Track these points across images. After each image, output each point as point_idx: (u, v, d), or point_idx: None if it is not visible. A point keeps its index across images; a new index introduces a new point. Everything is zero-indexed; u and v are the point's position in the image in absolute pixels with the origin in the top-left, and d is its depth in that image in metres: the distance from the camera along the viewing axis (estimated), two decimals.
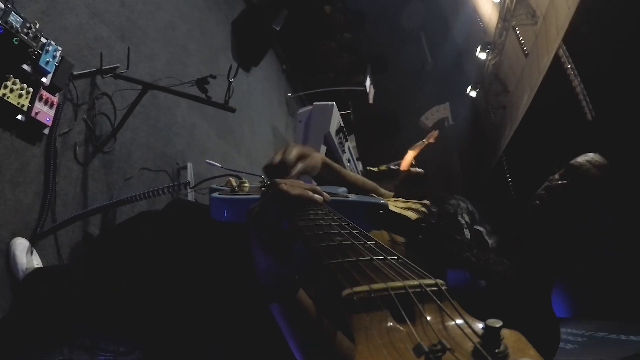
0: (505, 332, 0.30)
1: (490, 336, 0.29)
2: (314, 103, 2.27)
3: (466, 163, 9.07)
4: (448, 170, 9.50)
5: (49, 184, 1.95)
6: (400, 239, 0.99)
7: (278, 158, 0.96)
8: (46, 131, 1.98)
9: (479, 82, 7.45)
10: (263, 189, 0.83)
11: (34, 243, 1.85)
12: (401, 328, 0.33)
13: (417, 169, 5.23)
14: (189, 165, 3.16)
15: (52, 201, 1.96)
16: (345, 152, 2.59)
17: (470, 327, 0.32)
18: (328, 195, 0.73)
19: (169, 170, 3.03)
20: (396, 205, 1.15)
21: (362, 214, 0.83)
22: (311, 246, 0.50)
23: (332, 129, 2.26)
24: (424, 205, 1.16)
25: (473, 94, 7.59)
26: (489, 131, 7.62)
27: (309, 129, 2.23)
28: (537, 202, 1.13)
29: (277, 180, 0.71)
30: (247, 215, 0.68)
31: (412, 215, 1.08)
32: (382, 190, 1.33)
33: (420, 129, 8.13)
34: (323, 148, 2.21)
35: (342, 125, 2.44)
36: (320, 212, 0.65)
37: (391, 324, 0.33)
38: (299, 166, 0.99)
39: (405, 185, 5.03)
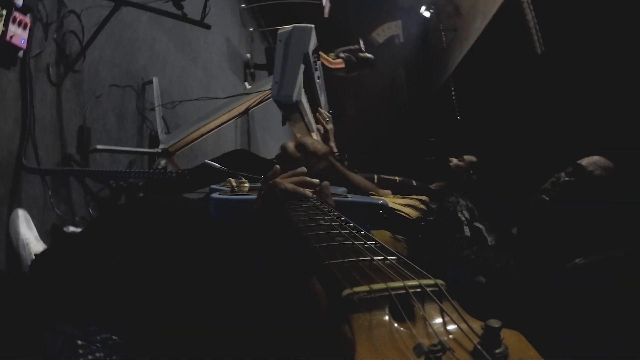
0: (505, 332, 0.30)
1: (490, 336, 0.30)
2: (294, 25, 2.30)
3: (412, 80, 9.20)
4: (393, 84, 9.64)
5: (27, 108, 1.94)
6: (401, 236, 1.01)
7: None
8: (20, 54, 1.93)
9: (433, 3, 7.43)
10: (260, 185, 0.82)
11: (19, 176, 1.90)
12: (401, 328, 0.33)
13: (367, 54, 5.32)
14: (155, 80, 3.13)
15: (31, 126, 1.96)
16: (317, 70, 2.66)
17: (470, 327, 0.33)
18: (317, 181, 0.75)
19: (134, 85, 3.00)
20: (395, 202, 1.16)
21: (362, 214, 0.85)
22: (311, 246, 0.50)
23: (310, 49, 2.33)
24: (422, 202, 1.18)
25: (427, 14, 7.58)
26: (438, 51, 7.74)
27: (288, 48, 2.28)
28: (544, 196, 1.16)
29: (269, 176, 0.73)
30: (251, 212, 0.71)
31: (411, 212, 1.11)
32: (381, 191, 1.37)
33: (371, 44, 8.13)
34: (302, 67, 2.28)
35: (317, 45, 2.50)
36: (320, 211, 0.66)
37: (391, 324, 0.34)
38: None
39: (354, 68, 5.18)
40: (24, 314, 1.68)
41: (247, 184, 1.01)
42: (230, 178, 1.02)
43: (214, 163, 1.24)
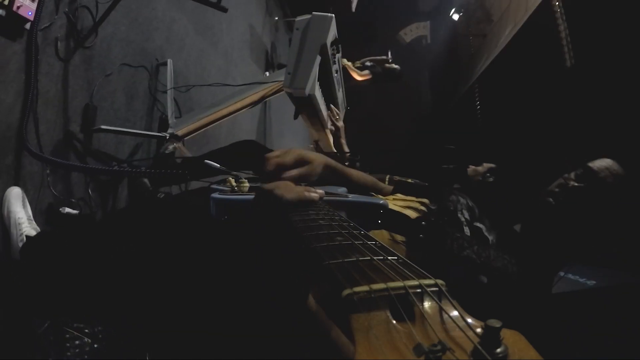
0: (505, 333, 0.30)
1: (490, 336, 0.30)
2: (313, 13, 2.18)
3: (436, 83, 9.06)
4: (417, 87, 9.49)
5: (30, 81, 1.87)
6: (400, 238, 0.99)
7: (273, 163, 0.94)
8: (27, 26, 1.87)
9: (464, 7, 7.27)
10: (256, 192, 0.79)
11: (17, 150, 1.83)
12: (401, 328, 0.33)
13: (394, 65, 5.25)
14: (169, 61, 3.06)
15: (33, 100, 1.89)
16: (335, 64, 2.54)
17: (470, 327, 0.33)
18: (322, 192, 0.73)
19: (147, 66, 2.92)
20: (395, 204, 1.14)
21: (362, 214, 0.84)
22: (311, 246, 0.50)
23: (329, 40, 2.20)
24: (423, 203, 1.15)
25: (456, 17, 7.43)
26: (464, 56, 7.57)
27: (305, 38, 2.15)
28: (550, 199, 1.14)
29: (266, 186, 0.68)
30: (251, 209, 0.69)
31: (411, 213, 1.08)
32: (381, 185, 1.34)
33: (397, 43, 8.01)
34: (318, 58, 2.16)
35: (337, 37, 2.38)
36: (320, 212, 0.65)
37: (391, 324, 0.34)
38: (295, 171, 0.95)
39: (379, 78, 5.12)
40: (13, 296, 1.65)
41: (246, 184, 1.00)
42: (230, 178, 1.01)
43: (213, 163, 1.21)
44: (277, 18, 6.28)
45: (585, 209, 1.09)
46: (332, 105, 2.62)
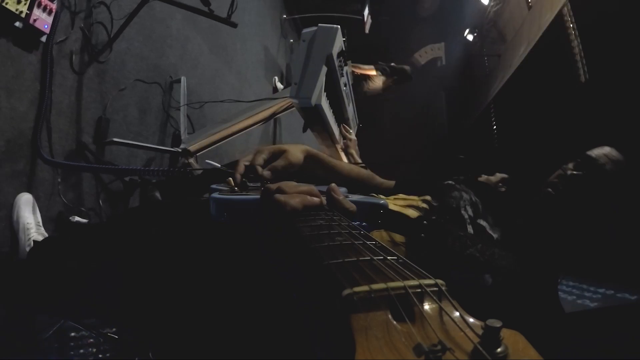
0: (505, 333, 0.30)
1: (491, 336, 0.30)
2: (319, 24, 2.20)
3: (452, 104, 9.05)
4: (434, 109, 9.48)
5: (45, 92, 1.93)
6: (400, 238, 0.97)
7: (242, 167, 0.96)
8: (43, 39, 1.93)
9: (477, 27, 7.31)
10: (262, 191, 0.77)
11: (29, 157, 1.88)
12: (401, 328, 0.33)
13: (404, 66, 5.27)
14: (183, 79, 3.12)
15: (47, 109, 1.95)
16: (343, 76, 2.55)
17: (470, 327, 0.32)
18: (324, 199, 0.71)
19: (161, 82, 2.99)
20: (396, 204, 1.13)
21: (361, 214, 0.81)
22: (311, 246, 0.50)
23: (335, 51, 2.22)
24: (425, 200, 1.13)
25: (470, 37, 7.47)
26: (479, 77, 7.58)
27: (311, 48, 2.18)
28: (550, 190, 1.12)
29: (271, 187, 0.67)
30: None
31: (412, 213, 1.06)
32: (378, 179, 1.32)
33: (412, 65, 8.04)
34: (324, 69, 2.18)
35: (344, 49, 2.40)
36: (320, 212, 0.64)
37: (391, 324, 0.34)
38: (267, 171, 0.97)
39: (390, 79, 5.15)
40: (20, 297, 1.67)
41: (248, 184, 0.99)
42: (230, 178, 1.00)
43: (213, 162, 1.21)
44: (292, 40, 6.39)
45: (585, 197, 1.07)
46: (343, 124, 2.65)
